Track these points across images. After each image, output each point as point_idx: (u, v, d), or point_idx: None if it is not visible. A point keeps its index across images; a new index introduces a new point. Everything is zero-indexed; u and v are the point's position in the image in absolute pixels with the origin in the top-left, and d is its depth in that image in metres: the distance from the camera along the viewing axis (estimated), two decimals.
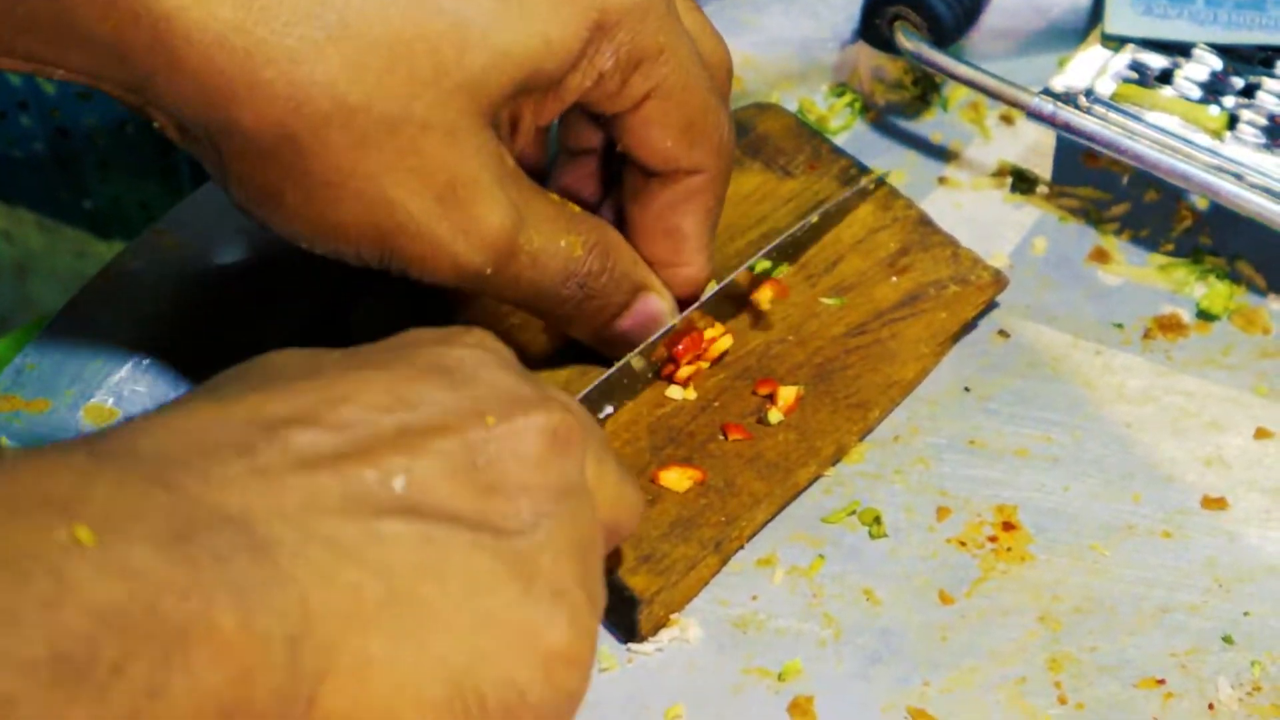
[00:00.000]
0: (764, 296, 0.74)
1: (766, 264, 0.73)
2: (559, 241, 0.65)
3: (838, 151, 0.81)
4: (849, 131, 0.86)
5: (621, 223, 0.70)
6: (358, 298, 0.72)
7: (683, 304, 0.71)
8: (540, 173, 0.71)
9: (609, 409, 0.70)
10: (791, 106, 0.85)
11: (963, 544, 0.69)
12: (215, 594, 0.40)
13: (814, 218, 0.75)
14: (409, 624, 0.44)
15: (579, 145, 0.71)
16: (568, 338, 0.71)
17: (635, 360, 0.69)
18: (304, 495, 0.44)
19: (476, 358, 0.50)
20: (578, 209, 0.67)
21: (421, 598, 0.45)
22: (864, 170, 0.80)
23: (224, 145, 0.60)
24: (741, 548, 0.68)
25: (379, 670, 0.44)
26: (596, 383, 0.68)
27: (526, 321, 0.72)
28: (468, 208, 0.62)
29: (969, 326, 0.76)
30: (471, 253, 0.62)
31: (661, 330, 0.70)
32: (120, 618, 0.38)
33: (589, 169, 0.72)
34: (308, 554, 0.43)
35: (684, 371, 0.71)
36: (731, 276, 0.72)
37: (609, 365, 0.70)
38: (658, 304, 0.70)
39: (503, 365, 0.51)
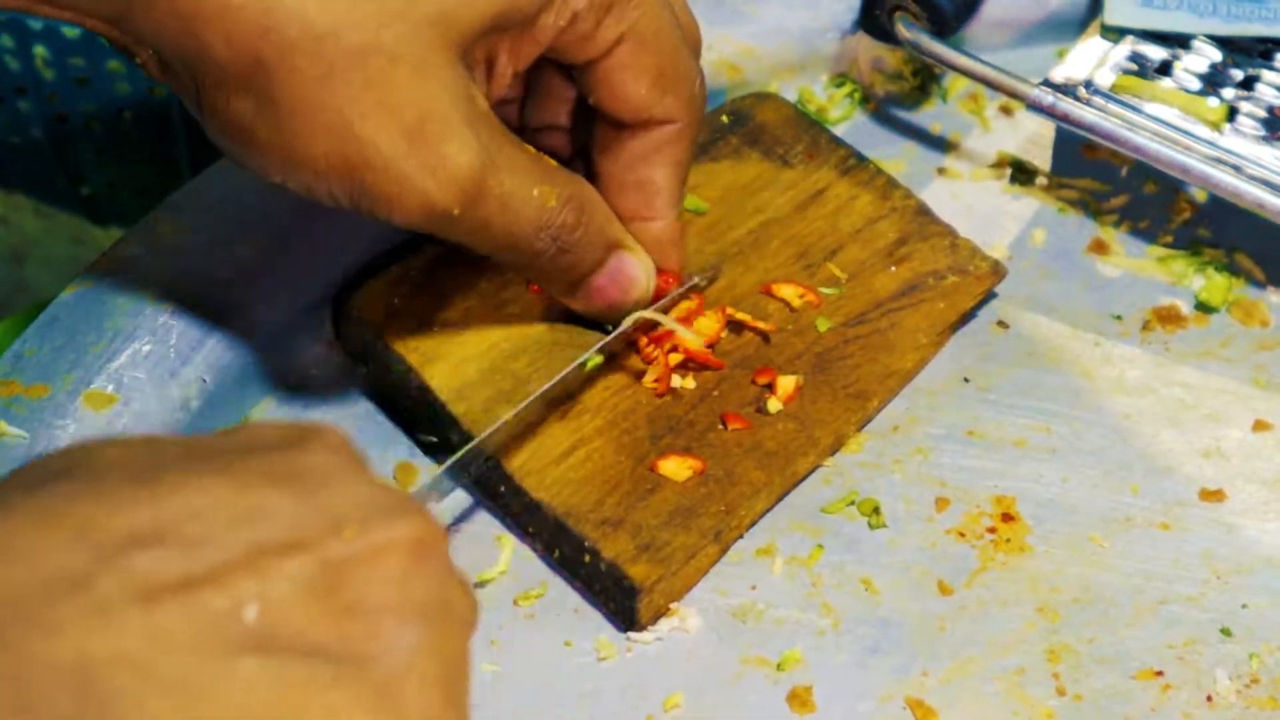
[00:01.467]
0: (793, 293, 0.74)
1: (598, 360, 0.70)
2: (531, 190, 0.64)
3: (836, 141, 0.81)
4: (848, 122, 0.86)
5: (592, 178, 0.70)
6: (358, 284, 0.72)
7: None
8: (517, 126, 0.71)
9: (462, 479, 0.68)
10: (791, 97, 0.85)
11: (961, 534, 0.69)
12: None
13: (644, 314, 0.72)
14: None
15: (550, 103, 0.71)
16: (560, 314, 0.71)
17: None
18: (147, 633, 0.40)
19: (328, 463, 0.45)
20: (553, 162, 0.67)
21: None
22: (862, 160, 0.80)
23: (198, 76, 0.60)
24: (741, 537, 0.68)
25: None
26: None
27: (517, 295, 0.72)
28: (436, 145, 0.61)
29: (968, 317, 0.76)
30: (439, 191, 0.62)
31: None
32: None
33: (560, 127, 0.71)
34: (151, 706, 0.39)
35: (675, 357, 0.71)
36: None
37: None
38: (633, 263, 0.69)
39: (355, 471, 0.46)
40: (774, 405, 0.70)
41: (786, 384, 0.71)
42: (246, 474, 0.43)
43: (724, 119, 0.81)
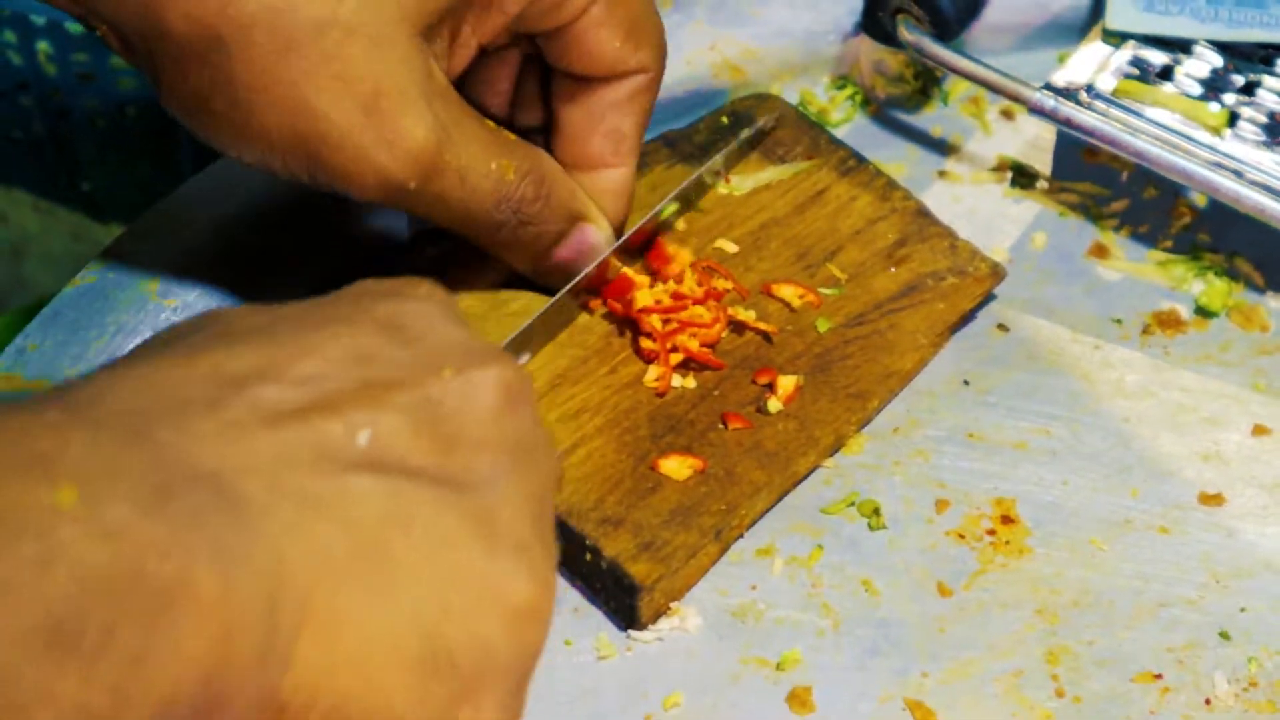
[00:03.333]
0: (793, 294, 0.74)
1: (674, 207, 0.74)
2: (489, 164, 0.65)
3: (836, 142, 0.81)
4: (850, 124, 0.86)
5: (552, 130, 0.71)
6: (359, 278, 0.72)
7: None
8: (484, 98, 0.72)
9: (525, 356, 0.70)
10: (793, 99, 0.85)
11: (961, 536, 0.69)
12: (196, 555, 0.40)
13: (718, 160, 0.76)
14: (379, 578, 0.44)
15: (498, 68, 0.72)
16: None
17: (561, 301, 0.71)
18: (273, 451, 0.43)
19: (427, 311, 0.50)
20: (512, 136, 0.68)
21: (390, 552, 0.44)
22: (862, 161, 0.80)
23: (156, 51, 0.61)
24: (741, 536, 0.68)
25: (352, 625, 0.44)
26: (521, 328, 0.69)
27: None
28: (391, 119, 0.62)
29: (967, 318, 0.76)
30: (395, 165, 0.62)
31: (589, 267, 0.71)
32: (106, 583, 0.38)
33: (500, 96, 0.73)
34: (280, 510, 0.43)
35: (675, 357, 0.71)
36: (644, 219, 0.73)
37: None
38: (595, 234, 0.70)
39: (451, 319, 0.50)
40: (774, 405, 0.70)
41: (787, 384, 0.71)
42: (357, 320, 0.48)
43: (724, 120, 0.81)
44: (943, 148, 0.85)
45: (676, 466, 0.68)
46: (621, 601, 0.65)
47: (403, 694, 0.44)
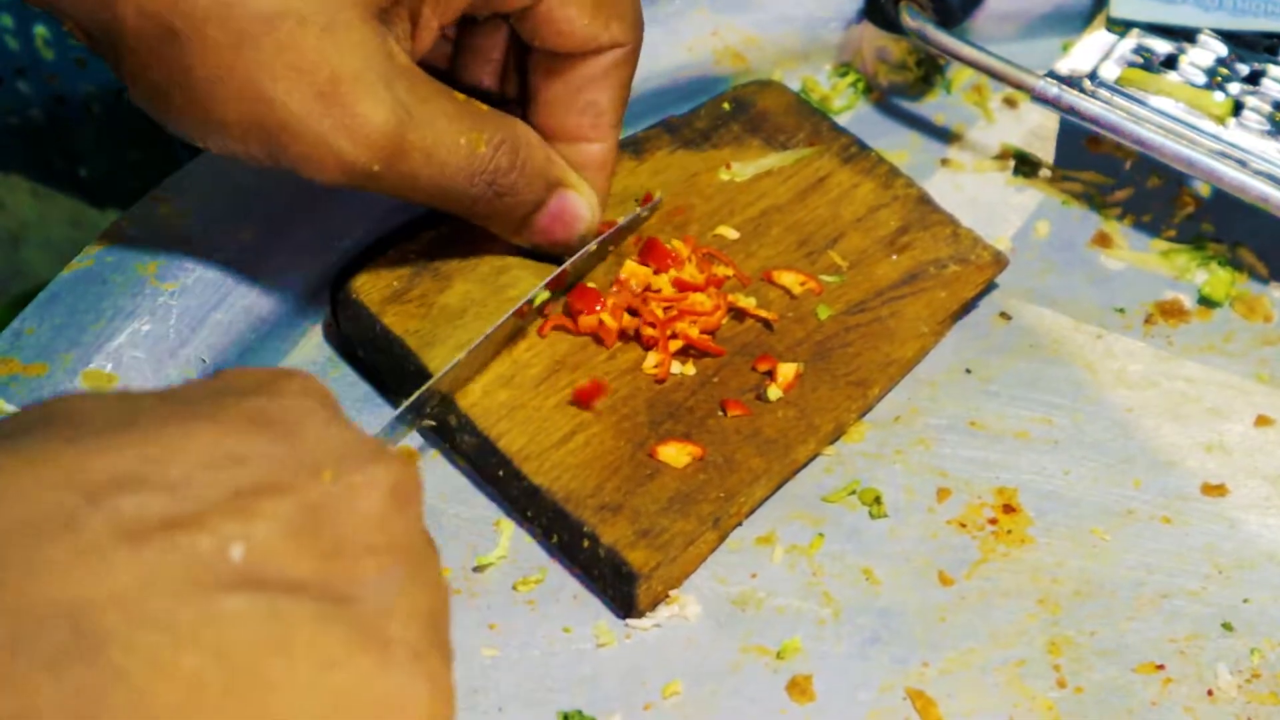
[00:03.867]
0: (794, 281, 0.73)
1: (545, 295, 0.71)
2: (458, 139, 0.65)
3: (838, 129, 0.81)
4: (852, 112, 0.85)
5: (530, 104, 0.71)
6: (357, 266, 0.72)
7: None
8: (476, 68, 0.72)
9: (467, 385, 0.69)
10: (795, 86, 0.84)
11: (963, 525, 0.68)
12: (52, 710, 0.38)
13: (592, 246, 0.72)
14: (256, 712, 0.40)
15: (489, 38, 0.72)
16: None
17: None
18: (135, 574, 0.40)
19: (303, 407, 0.45)
20: (485, 107, 0.67)
21: (270, 681, 0.41)
22: (864, 148, 0.80)
23: (116, 44, 0.61)
24: (740, 524, 0.68)
25: None
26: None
27: None
28: (349, 104, 0.62)
29: (969, 306, 0.76)
30: (356, 150, 0.62)
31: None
32: None
33: (491, 64, 0.72)
34: (143, 644, 0.39)
35: (674, 343, 0.70)
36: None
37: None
38: (576, 200, 0.70)
39: (330, 415, 0.46)
40: (774, 393, 0.70)
41: (787, 371, 0.70)
42: (224, 418, 0.44)
43: (725, 106, 0.81)
44: (945, 136, 0.84)
45: (675, 454, 0.67)
46: (619, 589, 0.65)
47: None
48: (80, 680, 0.38)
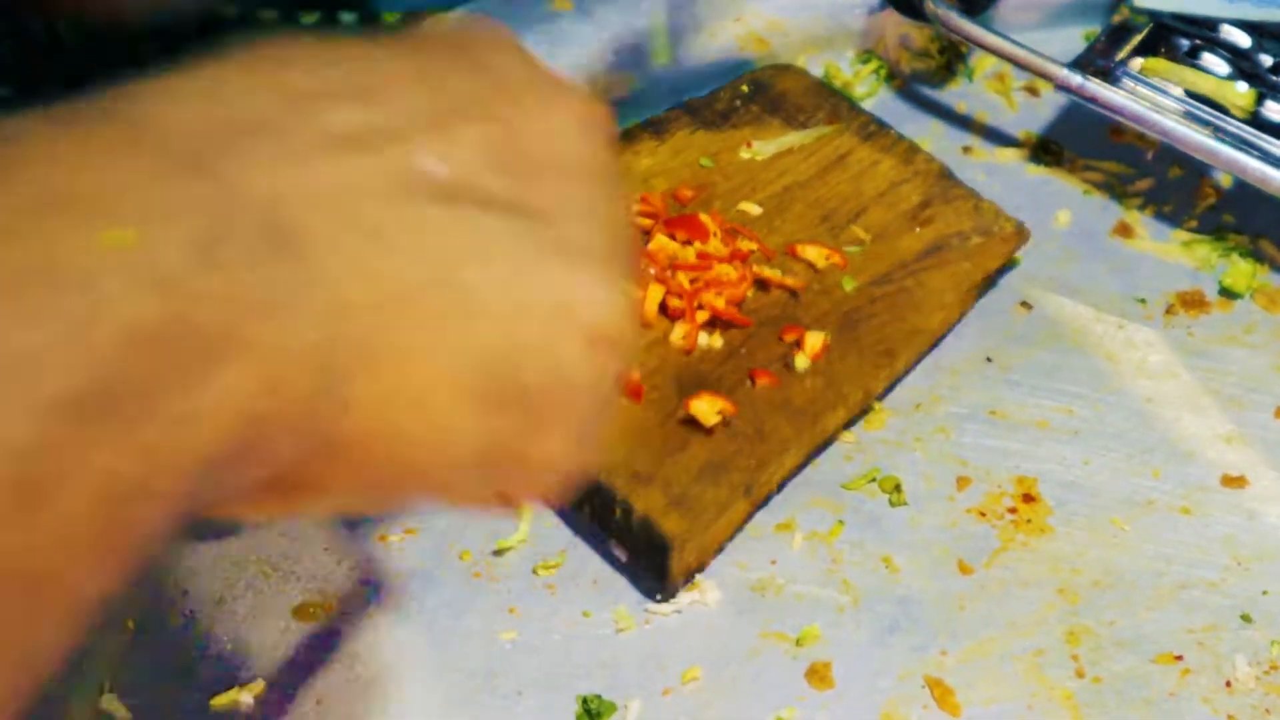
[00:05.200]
0: (818, 254, 0.74)
1: None
2: None
3: (857, 109, 0.81)
4: (874, 98, 0.85)
5: None
6: None
7: None
8: None
9: None
10: (817, 72, 0.84)
11: (982, 514, 0.68)
12: (248, 304, 0.37)
13: None
14: (452, 311, 0.42)
15: None
16: None
17: None
18: (340, 179, 0.41)
19: (498, 44, 0.48)
20: None
21: (465, 283, 0.42)
22: (884, 125, 0.80)
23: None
24: (772, 492, 0.68)
25: (418, 360, 0.42)
26: None
27: None
28: None
29: (992, 283, 0.76)
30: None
31: None
32: (151, 341, 0.35)
33: None
34: (345, 244, 0.40)
35: (701, 314, 0.71)
36: None
37: None
38: None
39: (523, 55, 0.48)
40: (801, 362, 0.70)
41: (814, 340, 0.70)
42: (428, 50, 0.46)
43: (744, 88, 0.81)
44: (967, 123, 0.84)
45: (706, 409, 0.67)
46: (652, 559, 0.65)
47: (467, 430, 0.43)
48: (278, 275, 0.39)
